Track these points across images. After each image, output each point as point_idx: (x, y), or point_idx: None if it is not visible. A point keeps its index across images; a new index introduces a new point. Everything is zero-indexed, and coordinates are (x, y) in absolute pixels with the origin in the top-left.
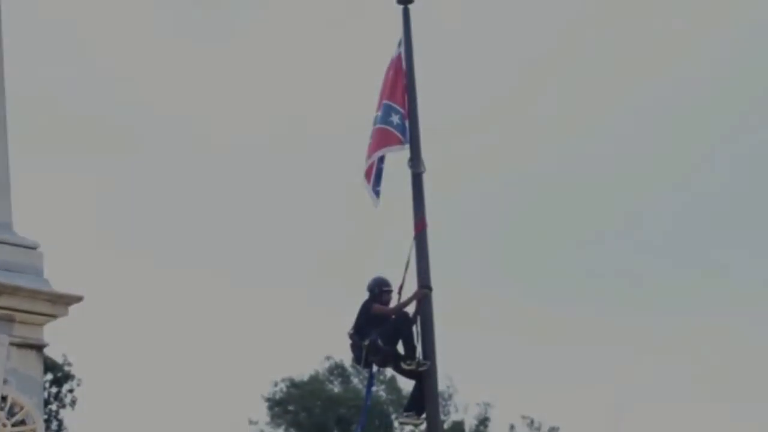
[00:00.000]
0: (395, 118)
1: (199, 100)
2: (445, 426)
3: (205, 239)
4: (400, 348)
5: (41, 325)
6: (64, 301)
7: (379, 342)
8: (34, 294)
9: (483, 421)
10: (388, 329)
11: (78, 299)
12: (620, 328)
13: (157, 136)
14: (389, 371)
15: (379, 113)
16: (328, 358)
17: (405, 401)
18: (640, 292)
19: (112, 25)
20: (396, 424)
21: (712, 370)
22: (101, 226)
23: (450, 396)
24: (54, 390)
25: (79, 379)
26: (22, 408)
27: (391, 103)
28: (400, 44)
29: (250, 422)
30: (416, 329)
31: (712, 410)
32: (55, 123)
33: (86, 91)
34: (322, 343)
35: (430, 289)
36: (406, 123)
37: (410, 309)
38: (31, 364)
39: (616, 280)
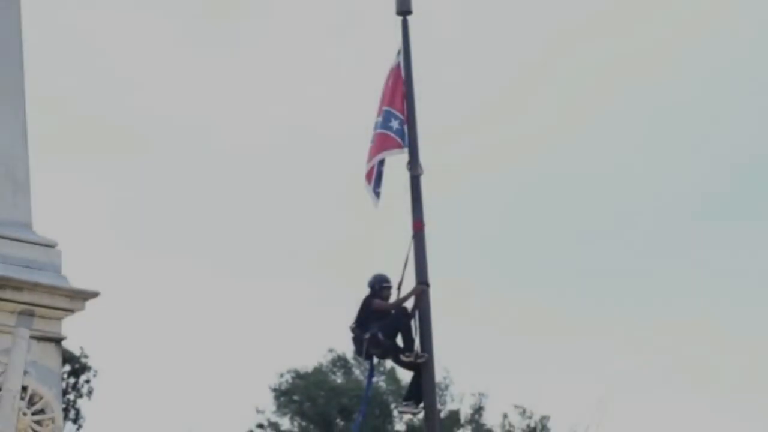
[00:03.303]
0: (395, 124)
1: (207, 106)
2: (442, 415)
3: (212, 235)
4: (400, 341)
5: (59, 319)
6: (82, 296)
7: (380, 335)
8: (52, 290)
9: (478, 410)
10: (388, 323)
11: (94, 295)
12: (609, 322)
13: (167, 139)
14: (389, 363)
15: (380, 119)
16: (331, 350)
17: (404, 391)
18: (631, 289)
19: (128, 35)
20: (395, 413)
21: (693, 362)
22: (115, 226)
23: (447, 386)
24: (72, 381)
25: (96, 371)
26: (41, 398)
27: (391, 110)
28: (399, 54)
29: (257, 411)
30: (414, 323)
31: (692, 402)
32: (72, 125)
33: (102, 96)
34: (325, 337)
35: (427, 285)
36: (405, 128)
37: (409, 304)
38: (50, 356)
39: (609, 277)
